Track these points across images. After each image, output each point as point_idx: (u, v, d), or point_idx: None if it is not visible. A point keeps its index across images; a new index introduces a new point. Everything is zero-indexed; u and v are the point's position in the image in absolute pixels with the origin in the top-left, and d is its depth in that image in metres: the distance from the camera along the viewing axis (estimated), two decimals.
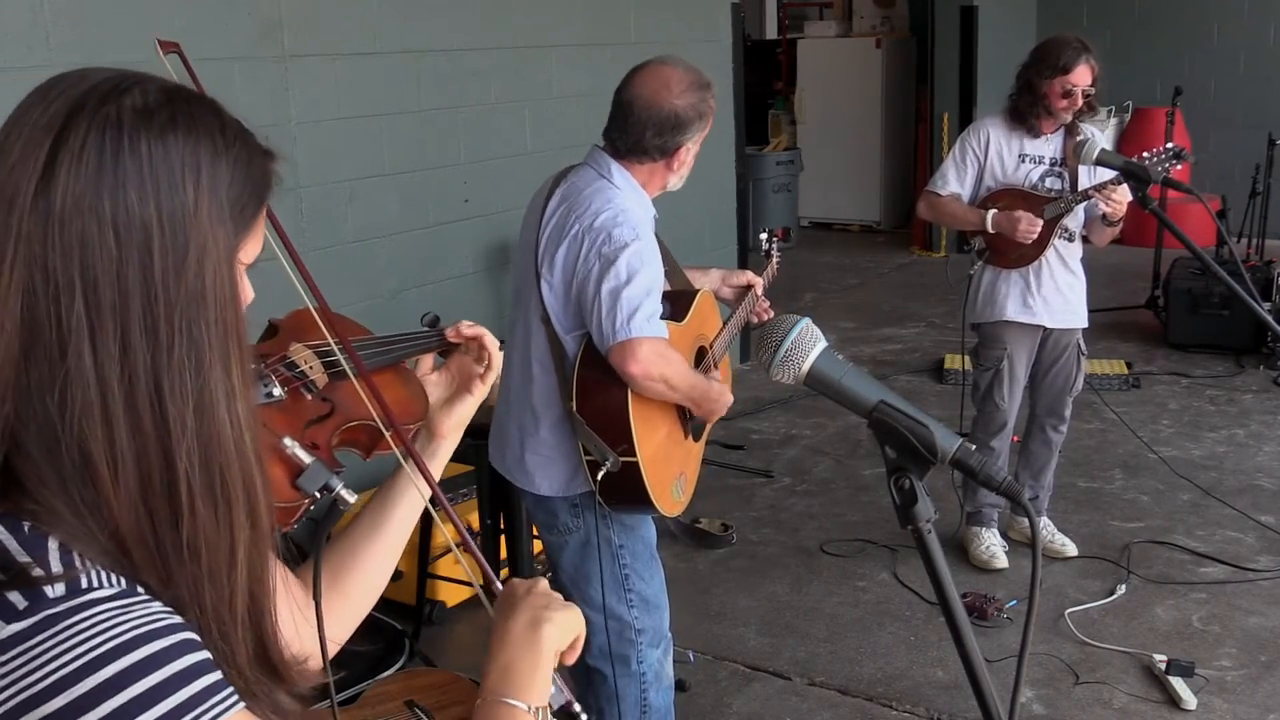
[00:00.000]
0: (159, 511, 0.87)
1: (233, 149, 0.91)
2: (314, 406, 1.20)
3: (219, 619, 0.90)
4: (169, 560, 0.87)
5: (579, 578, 2.71)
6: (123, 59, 1.04)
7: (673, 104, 2.56)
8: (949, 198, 4.09)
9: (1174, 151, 3.58)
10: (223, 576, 0.90)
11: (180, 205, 0.86)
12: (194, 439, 0.87)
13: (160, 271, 0.85)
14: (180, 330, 0.86)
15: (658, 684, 2.78)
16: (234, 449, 0.90)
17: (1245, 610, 3.89)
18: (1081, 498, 4.80)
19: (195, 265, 0.87)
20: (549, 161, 5.22)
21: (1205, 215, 4.63)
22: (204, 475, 0.88)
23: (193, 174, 0.87)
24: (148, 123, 0.86)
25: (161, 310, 0.85)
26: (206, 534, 0.88)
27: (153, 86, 0.89)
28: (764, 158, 9.95)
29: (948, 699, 3.47)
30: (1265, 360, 6.32)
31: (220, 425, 0.88)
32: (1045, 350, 4.14)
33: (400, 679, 2.75)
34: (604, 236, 2.50)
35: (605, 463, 2.48)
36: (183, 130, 0.88)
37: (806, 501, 4.91)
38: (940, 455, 1.28)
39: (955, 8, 9.05)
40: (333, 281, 4.48)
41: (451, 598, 3.99)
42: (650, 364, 2.45)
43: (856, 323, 7.63)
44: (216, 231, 0.88)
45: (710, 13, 6.48)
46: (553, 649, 1.17)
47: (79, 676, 0.79)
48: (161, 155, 0.86)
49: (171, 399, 0.86)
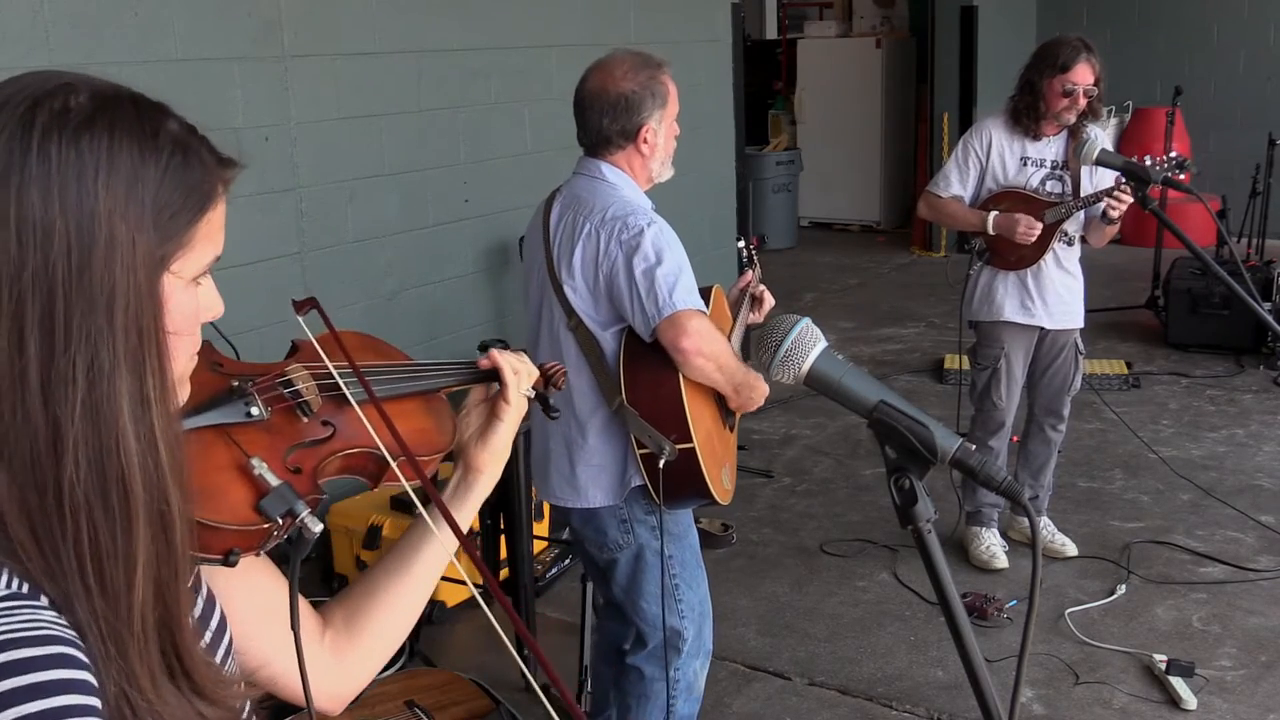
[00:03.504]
0: (51, 521, 0.84)
1: (163, 152, 0.89)
2: (308, 429, 1.16)
3: (115, 636, 0.86)
4: (65, 575, 0.84)
5: (632, 591, 2.71)
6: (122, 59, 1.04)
7: (618, 87, 2.60)
8: (950, 199, 4.09)
9: (1177, 161, 3.57)
10: (120, 592, 0.86)
11: (88, 207, 0.84)
12: (84, 446, 0.84)
13: (61, 274, 0.83)
14: (78, 334, 0.83)
15: (688, 694, 2.80)
16: (136, 460, 0.86)
17: (1245, 610, 3.89)
18: (1081, 498, 4.80)
19: (101, 269, 0.84)
20: (549, 161, 5.26)
21: (1205, 215, 4.64)
22: (97, 485, 0.84)
23: (105, 176, 0.85)
24: (62, 125, 0.85)
25: (60, 313, 0.83)
26: (100, 547, 0.85)
27: (84, 88, 0.88)
28: (764, 158, 9.95)
29: (948, 699, 3.47)
30: (1265, 360, 6.32)
31: (121, 435, 0.85)
32: (1043, 350, 4.14)
33: (400, 679, 2.75)
34: (619, 226, 2.52)
35: (663, 452, 2.48)
36: (100, 132, 0.86)
37: (806, 501, 4.91)
38: (940, 455, 1.28)
39: (955, 8, 9.05)
40: (333, 281, 4.49)
41: (451, 598, 3.99)
42: (701, 338, 2.45)
43: (856, 323, 7.63)
44: (134, 236, 0.86)
45: (710, 13, 6.48)
46: None
47: None
48: (73, 157, 0.84)
49: (60, 404, 0.83)
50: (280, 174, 4.27)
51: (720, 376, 2.55)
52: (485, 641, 3.95)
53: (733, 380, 2.59)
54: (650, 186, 2.71)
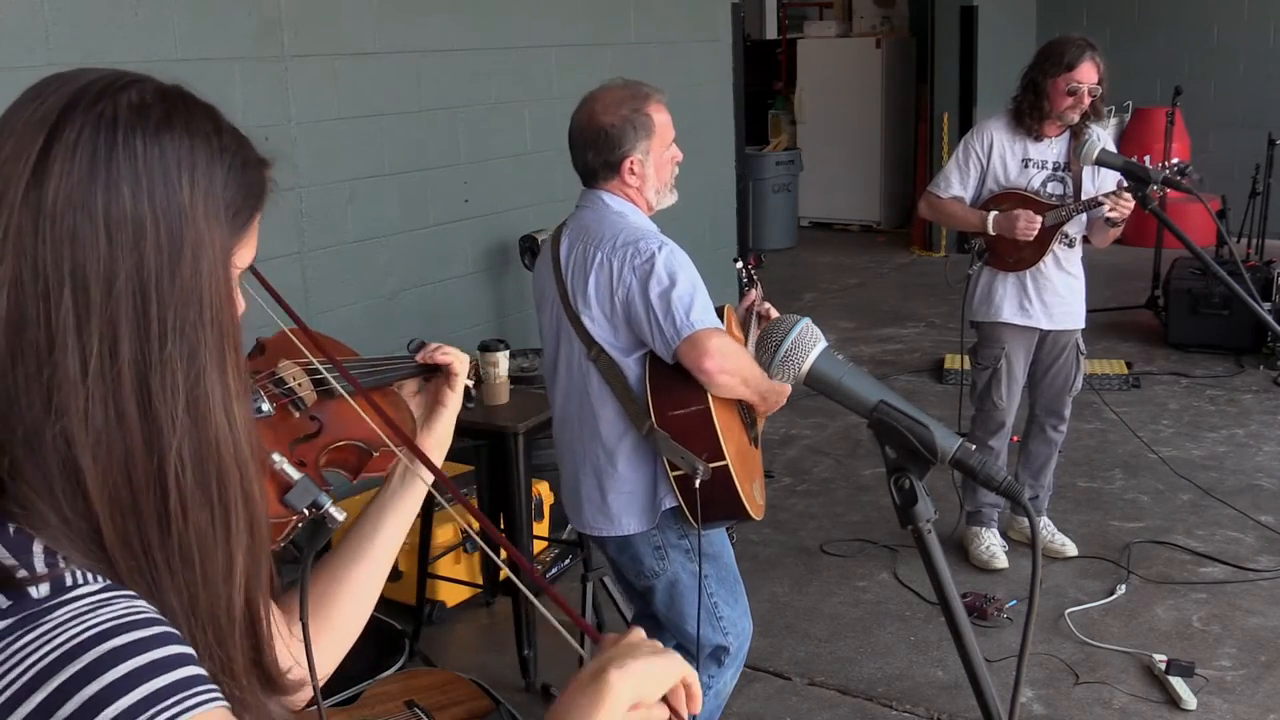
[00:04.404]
0: (146, 516, 0.84)
1: (229, 152, 0.90)
2: (302, 424, 1.19)
3: (215, 626, 0.88)
4: (157, 568, 0.85)
5: (673, 616, 2.73)
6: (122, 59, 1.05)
7: (599, 121, 2.63)
8: (950, 200, 4.09)
9: (1179, 168, 3.56)
10: (219, 583, 0.88)
11: (176, 203, 0.85)
12: (186, 439, 0.85)
13: (154, 269, 0.84)
14: (173, 329, 0.84)
15: (716, 700, 2.83)
16: (232, 452, 0.87)
17: (1245, 610, 3.89)
18: (1081, 498, 4.80)
19: (190, 264, 0.85)
20: (549, 161, 5.26)
21: (1205, 215, 4.63)
22: (198, 478, 0.86)
23: (188, 173, 0.86)
24: (144, 120, 0.85)
25: (154, 309, 0.83)
26: (200, 538, 0.86)
27: (149, 86, 0.88)
28: (764, 158, 9.95)
29: (948, 699, 3.47)
30: (1265, 360, 6.32)
31: (217, 427, 0.86)
32: (1044, 351, 4.14)
33: (400, 679, 2.76)
34: (631, 252, 2.53)
35: (696, 472, 2.49)
36: (179, 130, 0.86)
37: (806, 501, 4.91)
38: (940, 455, 1.28)
39: (955, 8, 9.05)
40: (333, 282, 4.49)
41: (451, 598, 3.99)
42: (724, 357, 2.47)
43: (856, 323, 7.63)
44: (213, 232, 0.87)
45: (710, 13, 6.48)
46: (623, 693, 1.00)
47: (56, 668, 0.77)
48: (157, 153, 0.85)
49: (161, 399, 0.84)
50: (280, 174, 4.20)
51: (746, 389, 2.58)
52: (485, 641, 3.95)
53: (758, 390, 2.62)
54: (652, 214, 2.73)
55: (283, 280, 1.26)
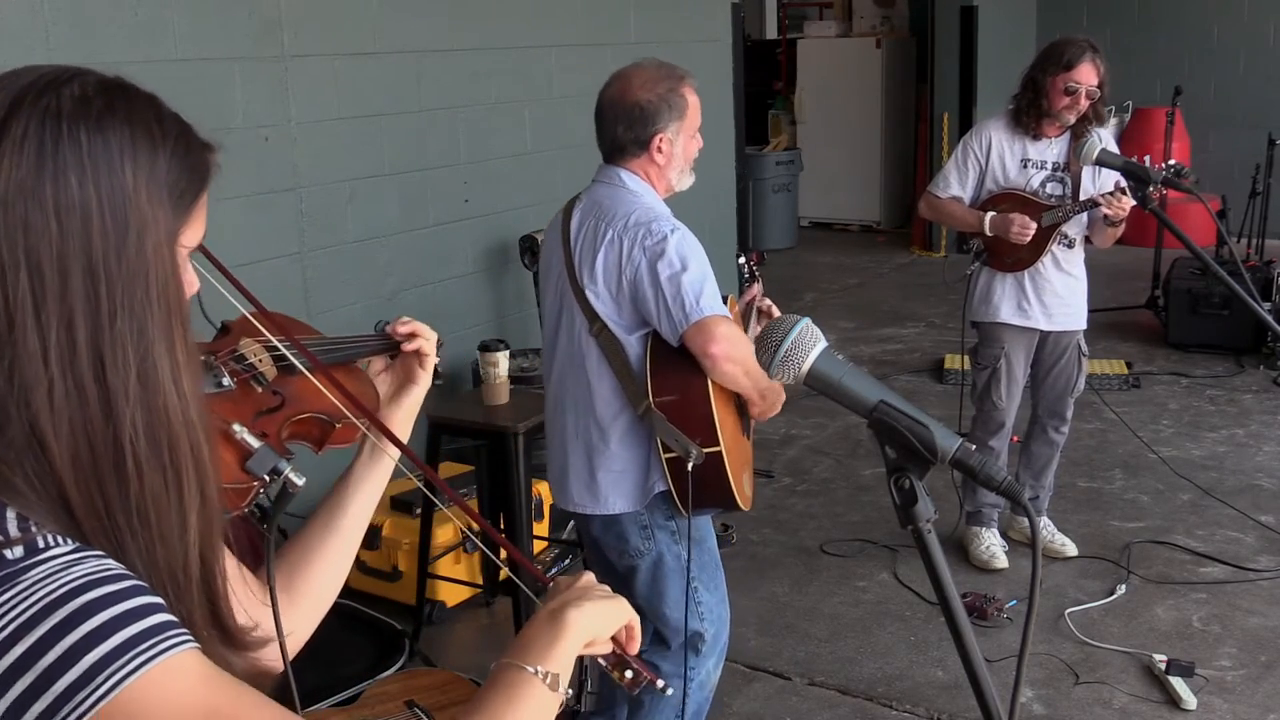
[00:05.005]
0: (107, 480, 0.90)
1: (170, 138, 0.95)
2: (264, 398, 1.25)
3: (175, 582, 0.94)
4: (120, 529, 0.91)
5: (654, 598, 2.71)
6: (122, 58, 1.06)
7: (635, 96, 2.63)
8: (949, 200, 4.09)
9: (1176, 169, 3.55)
10: (174, 540, 0.94)
11: (120, 188, 0.90)
12: (138, 409, 0.91)
13: (101, 251, 0.89)
14: (122, 305, 0.90)
15: (700, 692, 2.81)
16: (180, 419, 0.94)
17: (1245, 610, 3.89)
18: (1081, 498, 4.80)
19: (135, 244, 0.91)
20: (549, 161, 5.26)
21: (1205, 215, 4.63)
22: (150, 444, 0.92)
23: (130, 159, 0.91)
24: (86, 112, 0.90)
25: (104, 288, 0.89)
26: (155, 499, 0.92)
27: (91, 79, 0.93)
28: (764, 158, 9.95)
29: (948, 699, 3.47)
30: (1265, 360, 6.32)
31: (166, 395, 0.92)
32: (1045, 352, 4.13)
33: (400, 679, 2.75)
34: (643, 232, 2.53)
35: (689, 456, 2.48)
36: (121, 119, 0.92)
37: (806, 501, 4.91)
38: (940, 455, 1.28)
39: (955, 8, 9.05)
40: (332, 281, 4.49)
41: (451, 598, 3.99)
42: (730, 344, 2.47)
43: (856, 323, 7.63)
44: (156, 213, 0.92)
45: (710, 13, 6.48)
46: (579, 630, 1.17)
47: (35, 621, 0.83)
48: (100, 142, 0.90)
49: (114, 370, 0.89)
50: (280, 174, 4.27)
51: (747, 382, 2.57)
52: (485, 641, 3.95)
53: (758, 386, 2.61)
54: (669, 195, 2.73)
55: (283, 280, 1.28)
